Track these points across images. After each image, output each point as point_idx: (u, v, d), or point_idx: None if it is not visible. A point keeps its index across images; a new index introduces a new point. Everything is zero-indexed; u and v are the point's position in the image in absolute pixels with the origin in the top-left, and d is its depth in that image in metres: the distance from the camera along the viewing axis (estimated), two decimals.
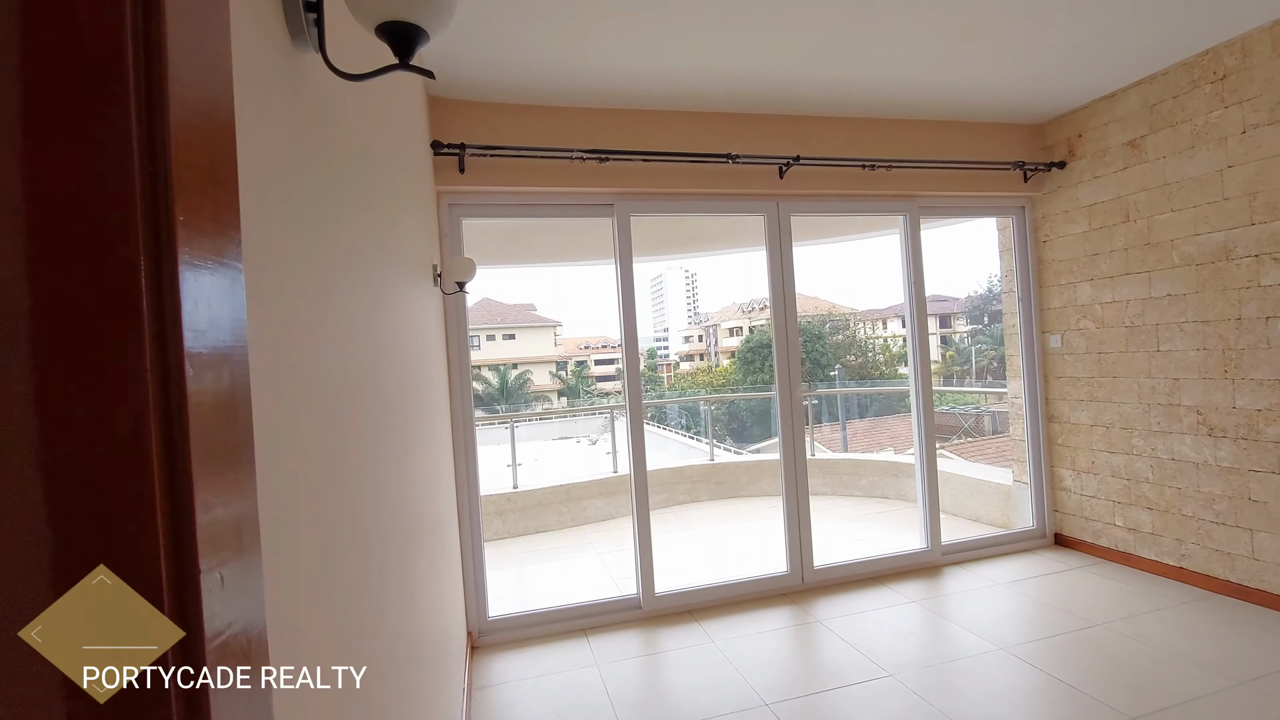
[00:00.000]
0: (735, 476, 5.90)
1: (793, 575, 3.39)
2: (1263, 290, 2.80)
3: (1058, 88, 3.30)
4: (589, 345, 36.34)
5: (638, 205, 3.17)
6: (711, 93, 3.01)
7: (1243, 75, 2.83)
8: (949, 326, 39.34)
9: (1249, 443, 2.88)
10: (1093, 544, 3.66)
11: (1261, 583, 2.87)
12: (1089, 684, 2.35)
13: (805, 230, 5.03)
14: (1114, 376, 3.47)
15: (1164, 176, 3.17)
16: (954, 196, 3.72)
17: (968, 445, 13.45)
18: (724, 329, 41.62)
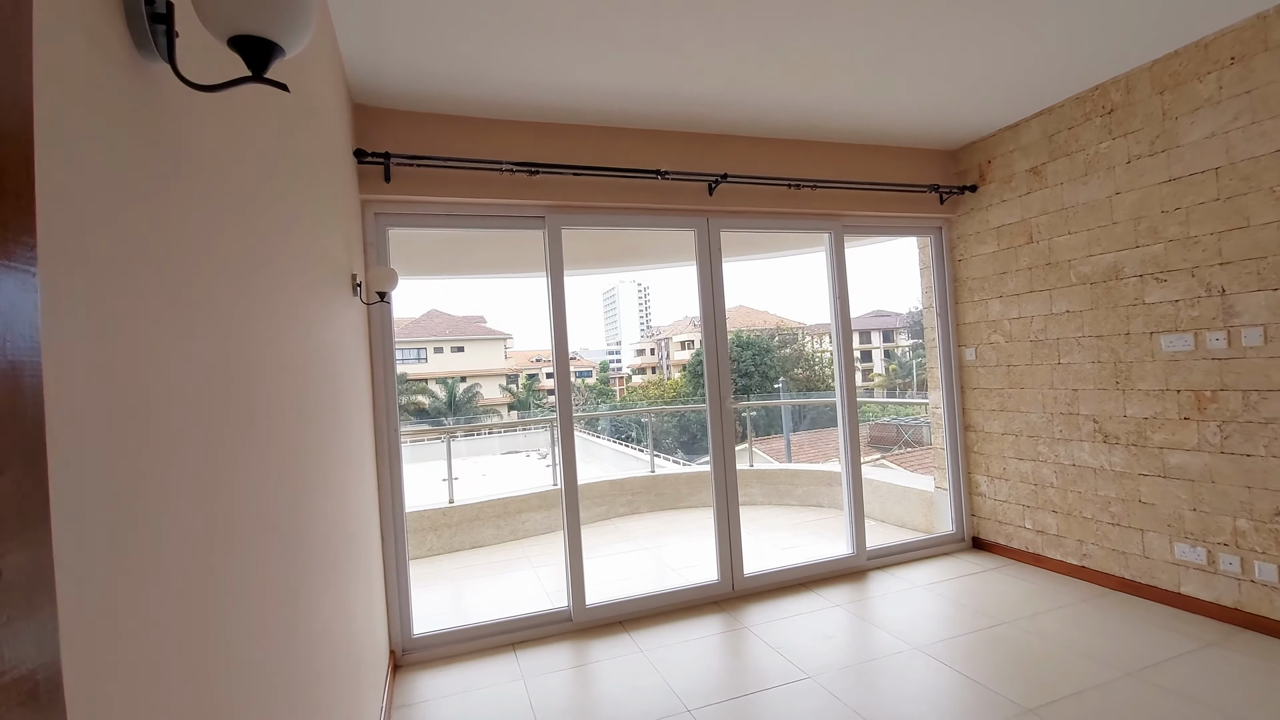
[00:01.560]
0: (676, 488, 5.95)
1: (723, 584, 3.44)
2: (1147, 307, 3.04)
3: (968, 117, 3.52)
4: (540, 358, 36.07)
5: (569, 218, 3.20)
6: (641, 111, 3.08)
7: (1127, 110, 3.09)
8: (892, 341, 40.80)
9: (1138, 449, 3.11)
10: (1006, 546, 3.86)
11: (1151, 579, 3.09)
12: (992, 679, 2.47)
13: (746, 246, 5.17)
14: (1021, 387, 3.69)
15: (1062, 201, 3.41)
16: (876, 216, 3.90)
17: (908, 455, 13.94)
18: (676, 342, 42.03)
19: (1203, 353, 2.82)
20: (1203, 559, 2.86)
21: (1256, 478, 2.66)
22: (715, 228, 3.50)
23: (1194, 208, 2.82)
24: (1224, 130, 2.71)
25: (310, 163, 1.58)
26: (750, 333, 31.77)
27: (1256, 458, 2.66)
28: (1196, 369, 2.85)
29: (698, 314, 3.54)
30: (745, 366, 28.47)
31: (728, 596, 3.44)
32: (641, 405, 27.77)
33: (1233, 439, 2.73)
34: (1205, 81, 2.76)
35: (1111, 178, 3.16)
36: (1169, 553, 3.00)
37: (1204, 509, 2.85)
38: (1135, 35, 2.71)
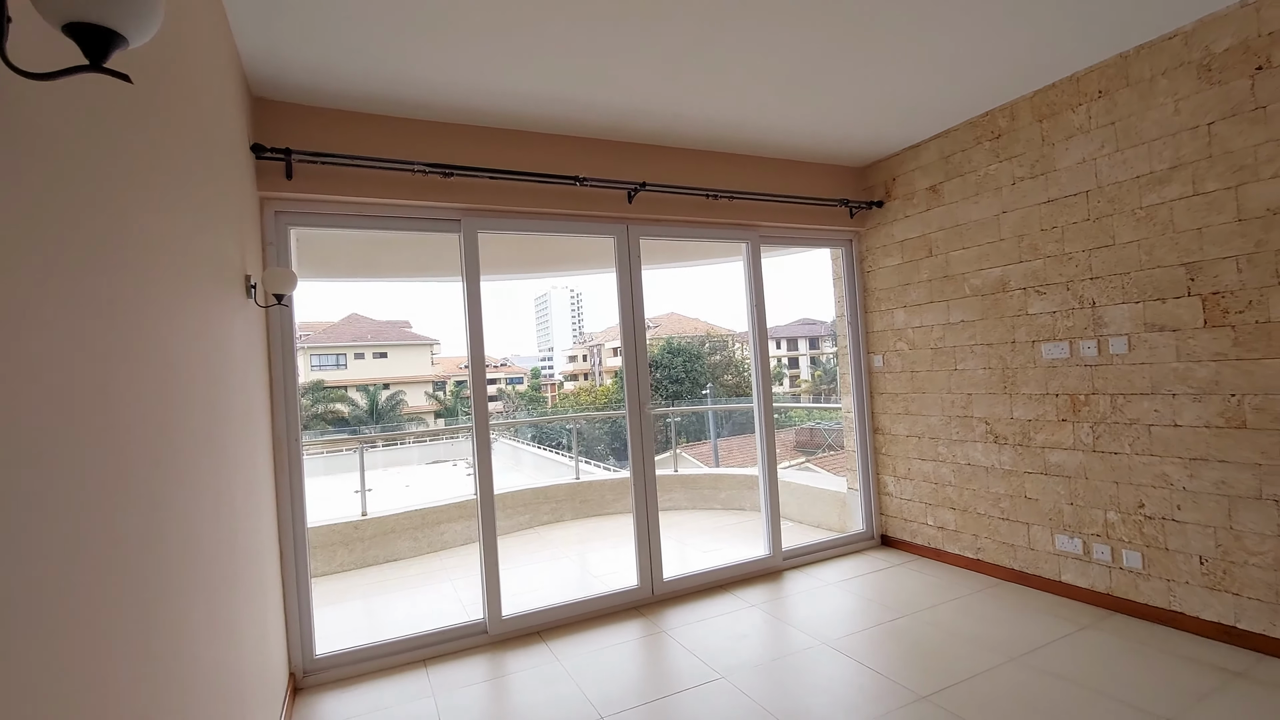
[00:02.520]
0: (601, 494, 5.94)
1: (643, 589, 3.46)
2: (1029, 318, 3.29)
3: (875, 137, 3.71)
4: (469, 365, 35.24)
5: (486, 222, 3.15)
6: (561, 116, 3.08)
7: (1012, 135, 3.34)
8: (818, 348, 42.33)
9: (1024, 448, 3.35)
10: (911, 542, 4.07)
11: (1036, 569, 3.33)
12: (892, 669, 2.60)
13: (673, 253, 5.24)
14: (923, 392, 3.91)
15: (956, 218, 3.64)
16: (791, 228, 4.05)
17: (830, 458, 14.49)
18: (608, 348, 42.05)
19: (1077, 360, 3.08)
20: (1079, 549, 3.11)
21: (1122, 473, 2.92)
22: (635, 235, 3.53)
23: (1068, 227, 3.08)
24: (1093, 157, 2.97)
25: (190, 156, 1.49)
26: (682, 339, 32.20)
27: (1122, 455, 2.92)
28: (1072, 374, 3.10)
29: (641, 319, 3.56)
30: (676, 373, 28.82)
31: (648, 601, 3.46)
32: (570, 412, 27.55)
33: (1103, 438, 2.99)
34: (1077, 112, 3.03)
35: (999, 197, 3.41)
36: (1051, 544, 3.24)
37: (1079, 503, 3.10)
38: (1017, 67, 2.94)
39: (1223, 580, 2.59)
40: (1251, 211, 2.46)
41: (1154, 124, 2.74)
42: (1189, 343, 2.67)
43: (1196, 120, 2.60)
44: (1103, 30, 2.64)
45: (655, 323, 39.05)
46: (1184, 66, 2.63)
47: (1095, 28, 2.61)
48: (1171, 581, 2.76)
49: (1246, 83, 2.45)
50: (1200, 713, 2.14)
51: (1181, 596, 2.73)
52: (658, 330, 36.57)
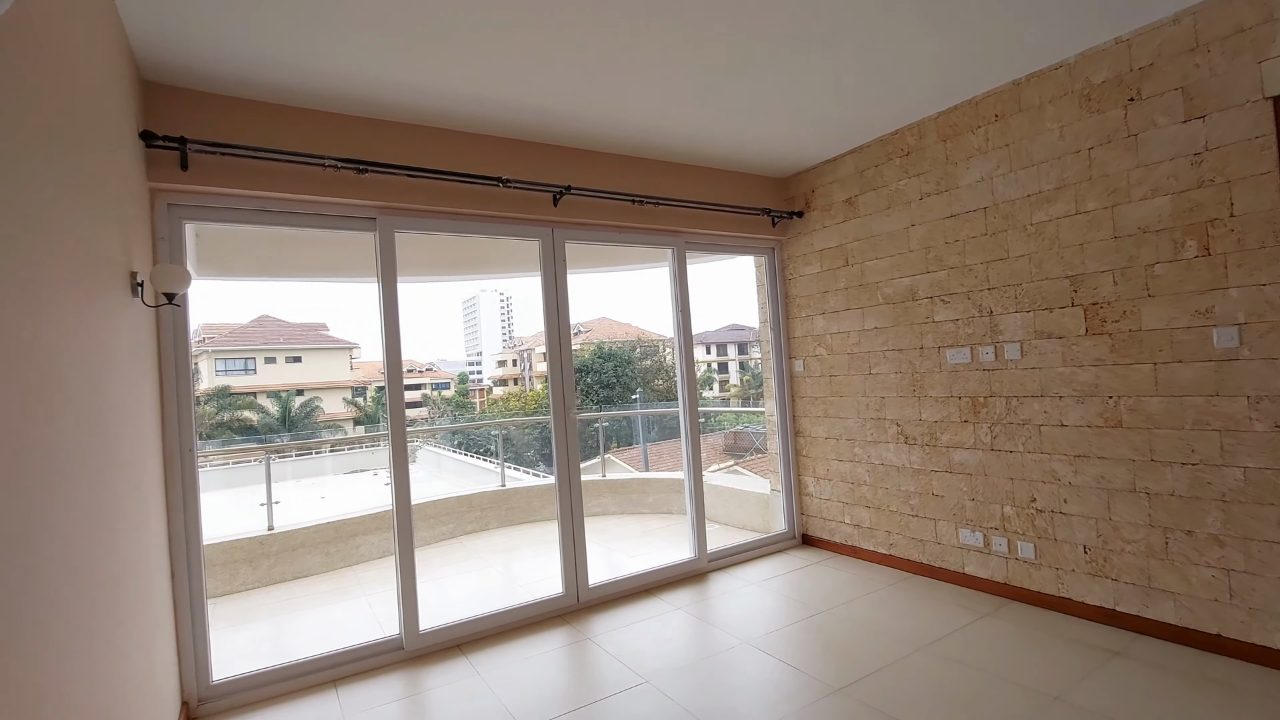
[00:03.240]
0: (528, 501, 5.84)
1: (568, 596, 3.42)
2: (936, 325, 3.48)
3: (796, 149, 3.84)
4: (385, 370, 33.88)
5: (403, 222, 3.04)
6: (484, 115, 3.01)
7: (919, 154, 3.53)
8: (746, 353, 43.37)
9: (931, 448, 3.54)
10: (830, 540, 4.22)
11: (942, 562, 3.52)
12: (809, 664, 2.67)
13: (603, 258, 5.22)
14: (841, 396, 4.07)
15: (870, 230, 3.82)
16: (716, 235, 4.12)
17: (757, 460, 14.85)
18: (539, 353, 41.55)
19: (977, 365, 3.28)
20: (980, 542, 3.31)
21: (1016, 470, 3.14)
22: (560, 238, 3.50)
23: (969, 240, 3.29)
24: (990, 176, 3.19)
25: (58, 138, 1.35)
26: (613, 344, 32.23)
27: (1016, 453, 3.13)
28: (972, 379, 3.31)
29: (566, 323, 3.52)
30: (607, 378, 28.80)
31: (573, 609, 3.42)
32: (498, 417, 27.00)
33: (999, 438, 3.20)
34: (976, 134, 3.24)
35: (908, 211, 3.60)
36: (955, 538, 3.44)
37: (980, 499, 3.31)
38: (924, 89, 3.11)
39: (1104, 567, 2.83)
40: (1125, 229, 2.70)
41: (1042, 147, 2.97)
42: (1073, 349, 2.90)
43: (1079, 145, 2.84)
44: (998, 59, 2.83)
45: (586, 327, 38.94)
46: (1068, 95, 2.87)
47: (991, 56, 2.80)
48: (1060, 570, 2.99)
49: (1121, 112, 2.70)
50: (1083, 690, 2.32)
51: (1069, 583, 2.96)
52: (589, 335, 36.47)
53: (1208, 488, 2.50)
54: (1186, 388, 2.54)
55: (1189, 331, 2.53)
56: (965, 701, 2.31)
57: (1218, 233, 2.44)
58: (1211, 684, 2.29)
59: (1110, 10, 2.47)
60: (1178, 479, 2.58)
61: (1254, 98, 2.33)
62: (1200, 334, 2.50)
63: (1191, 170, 2.50)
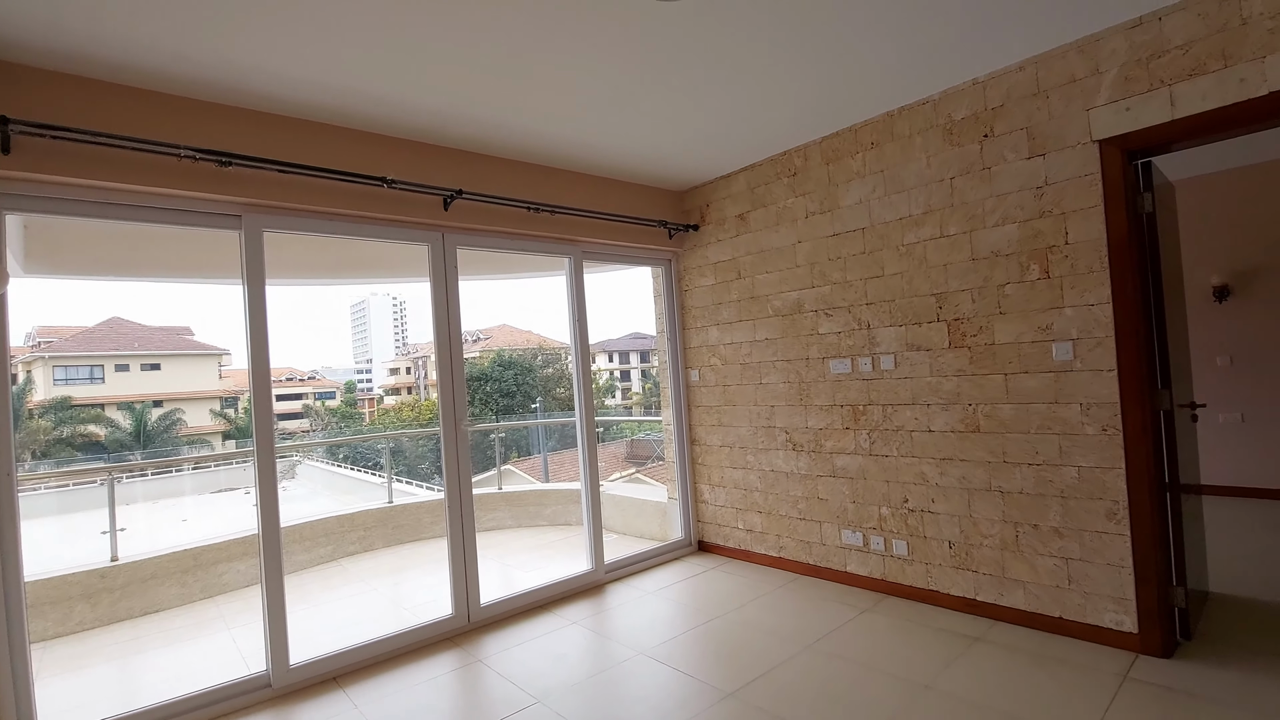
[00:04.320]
0: (417, 518, 5.56)
1: (458, 617, 3.27)
2: (820, 337, 3.67)
3: (692, 164, 3.93)
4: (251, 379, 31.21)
5: (274, 220, 2.80)
6: (368, 112, 2.83)
7: (805, 175, 3.72)
8: (648, 360, 43.95)
9: (817, 455, 3.72)
10: (724, 546, 4.32)
11: (828, 562, 3.69)
12: (704, 670, 2.71)
13: (499, 265, 5.07)
14: (734, 405, 4.19)
15: (761, 245, 3.98)
16: (614, 245, 4.13)
17: (658, 468, 15.03)
18: (433, 362, 39.91)
19: (857, 375, 3.49)
20: (860, 542, 3.51)
21: (891, 474, 3.36)
22: (451, 244, 3.37)
23: (849, 258, 3.50)
24: (867, 198, 3.41)
25: None
26: (513, 352, 31.60)
27: (892, 458, 3.36)
28: (853, 388, 3.51)
29: (462, 330, 3.36)
30: (507, 386, 28.16)
31: (463, 630, 3.27)
32: (389, 429, 25.60)
33: (877, 443, 3.42)
34: (856, 159, 3.46)
35: (795, 229, 3.78)
36: (838, 539, 3.63)
37: (860, 501, 3.51)
38: (809, 114, 3.28)
39: (965, 560, 3.08)
40: (980, 252, 2.98)
41: (912, 174, 3.22)
42: (938, 361, 3.15)
43: (943, 174, 3.10)
44: (873, 91, 3.04)
45: (486, 334, 37.94)
46: (934, 128, 3.13)
47: (868, 88, 3.00)
48: (929, 564, 3.22)
49: (977, 146, 2.97)
50: (949, 675, 2.51)
51: (936, 577, 3.20)
52: (489, 342, 35.57)
53: (1050, 485, 2.79)
54: (1032, 396, 2.83)
55: (1033, 345, 2.82)
56: (847, 695, 2.42)
57: (1056, 258, 2.74)
58: (1054, 662, 2.55)
59: (968, 54, 2.72)
60: (1025, 478, 2.87)
61: (1084, 140, 2.65)
62: (1042, 348, 2.80)
63: (1035, 201, 2.80)
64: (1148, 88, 2.47)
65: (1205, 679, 2.34)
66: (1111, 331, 2.60)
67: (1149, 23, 2.46)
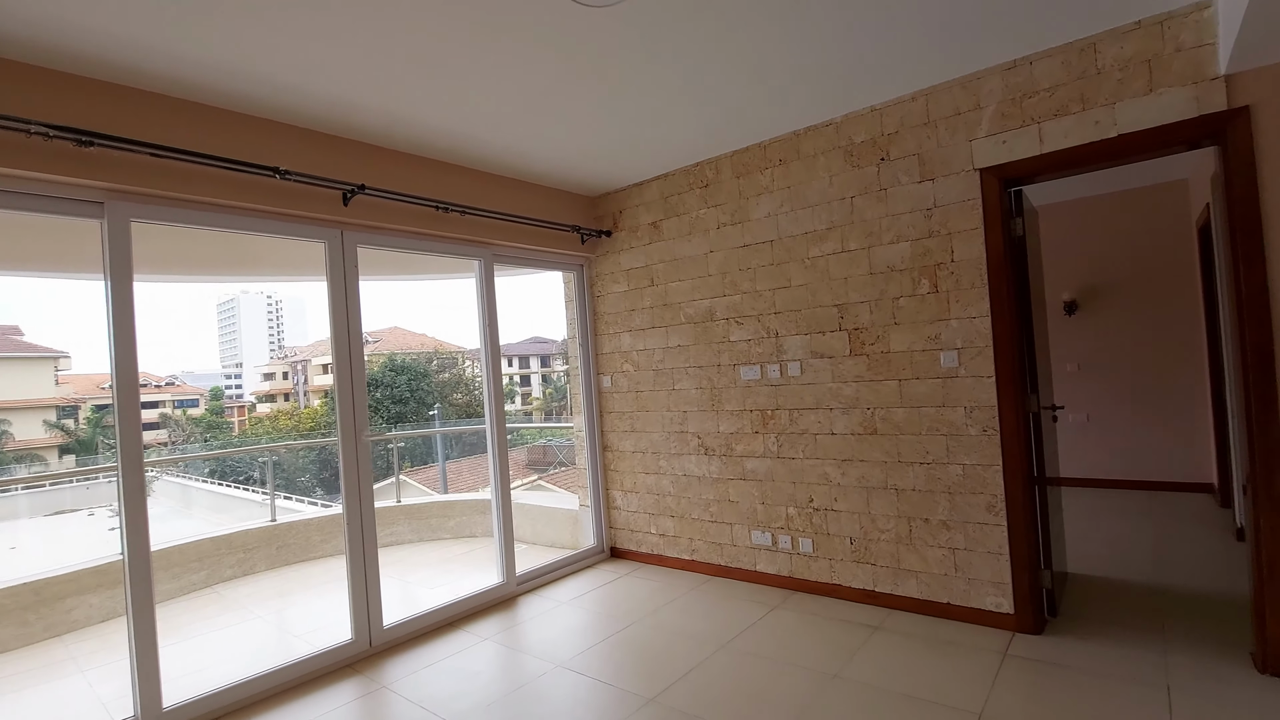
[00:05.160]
0: (306, 536, 5.14)
1: (359, 642, 3.05)
2: (731, 344, 3.79)
3: (605, 170, 3.93)
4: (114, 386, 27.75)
5: (144, 210, 2.49)
6: (260, 96, 2.59)
7: (717, 187, 3.83)
8: (549, 365, 43.38)
9: (727, 458, 3.83)
10: (637, 551, 4.34)
11: (738, 562, 3.81)
12: (622, 678, 2.70)
13: (400, 265, 4.80)
14: (647, 411, 4.23)
15: (674, 253, 4.05)
16: (526, 249, 4.05)
17: (561, 474, 14.86)
18: (317, 365, 37.26)
19: (766, 381, 3.63)
20: (769, 541, 3.65)
21: (798, 475, 3.52)
22: (351, 242, 3.16)
23: (759, 269, 3.64)
24: (775, 212, 3.57)
25: None
26: (406, 356, 30.10)
27: (798, 460, 3.52)
28: (762, 393, 3.65)
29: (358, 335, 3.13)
30: (400, 392, 26.76)
31: (366, 655, 3.06)
32: (266, 440, 23.59)
33: (784, 446, 3.57)
34: (765, 174, 3.61)
35: (707, 239, 3.88)
36: (748, 539, 3.75)
37: (769, 502, 3.65)
38: (722, 129, 3.38)
39: (865, 555, 3.28)
40: (878, 267, 3.20)
41: (816, 192, 3.40)
42: (840, 367, 3.34)
43: (844, 193, 3.30)
44: (782, 110, 3.18)
45: (376, 337, 35.88)
46: (836, 150, 3.32)
47: (778, 107, 3.14)
48: (832, 560, 3.41)
49: (875, 169, 3.19)
50: (855, 663, 2.66)
51: (839, 571, 3.38)
52: (379, 345, 33.65)
53: (938, 482, 3.04)
54: (922, 400, 3.07)
55: (924, 354, 3.07)
56: (762, 691, 2.50)
57: (943, 274, 3.00)
58: (945, 644, 2.77)
59: (867, 82, 2.92)
60: (917, 476, 3.10)
61: (967, 168, 2.91)
62: (931, 356, 3.05)
63: (925, 222, 3.04)
64: (1020, 124, 2.77)
65: (1071, 651, 2.64)
66: (990, 341, 2.87)
67: (1021, 66, 2.76)
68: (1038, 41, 2.62)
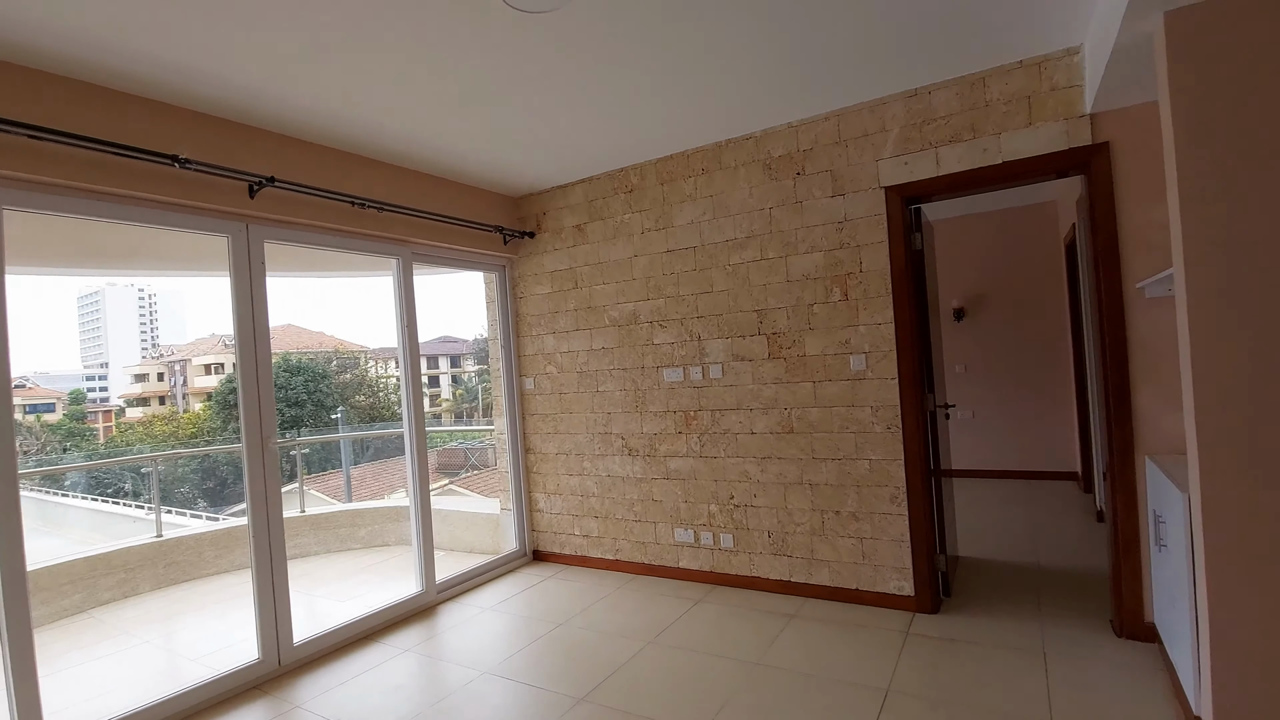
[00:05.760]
0: (197, 551, 4.75)
1: (266, 661, 2.87)
2: (655, 347, 3.87)
3: (529, 171, 3.90)
4: None
5: (19, 197, 2.24)
6: (159, 79, 2.39)
7: (641, 192, 3.91)
8: (459, 366, 42.05)
9: (651, 458, 3.91)
10: (560, 553, 4.34)
11: (662, 560, 3.90)
12: (552, 680, 2.71)
13: (301, 261, 4.54)
14: (571, 412, 4.24)
15: (598, 256, 4.08)
16: (447, 248, 3.95)
17: (474, 477, 14.47)
18: (198, 365, 34.23)
19: (689, 383, 3.74)
20: (692, 538, 3.76)
21: (719, 473, 3.66)
22: (258, 236, 2.97)
23: (682, 274, 3.75)
24: (698, 220, 3.69)
25: None
26: (303, 356, 28.25)
27: (720, 459, 3.65)
28: (685, 395, 3.76)
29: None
30: (296, 395, 25.09)
31: (275, 675, 2.89)
32: (141, 448, 21.43)
33: (707, 446, 3.69)
34: (688, 182, 3.72)
35: (632, 243, 3.95)
36: (672, 537, 3.84)
37: (692, 500, 3.76)
38: (647, 136, 3.44)
39: (782, 547, 3.46)
40: (794, 275, 3.38)
41: (737, 202, 3.55)
42: (759, 370, 3.50)
43: (763, 204, 3.47)
44: (704, 121, 3.30)
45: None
46: (756, 162, 3.48)
47: (702, 118, 3.25)
48: (752, 554, 3.56)
49: (791, 182, 3.38)
50: (775, 650, 2.80)
51: (758, 564, 3.54)
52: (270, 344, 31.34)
53: (848, 476, 3.26)
54: (834, 401, 3.28)
55: (836, 357, 3.28)
56: (690, 682, 2.59)
57: (853, 283, 3.22)
58: (855, 627, 2.98)
59: (784, 101, 3.08)
60: (829, 471, 3.31)
61: (874, 186, 3.15)
62: (842, 359, 3.26)
63: (837, 234, 3.25)
64: (920, 147, 3.03)
65: (964, 626, 2.91)
66: (894, 346, 3.12)
67: (922, 94, 3.01)
68: (936, 73, 2.87)
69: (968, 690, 2.39)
